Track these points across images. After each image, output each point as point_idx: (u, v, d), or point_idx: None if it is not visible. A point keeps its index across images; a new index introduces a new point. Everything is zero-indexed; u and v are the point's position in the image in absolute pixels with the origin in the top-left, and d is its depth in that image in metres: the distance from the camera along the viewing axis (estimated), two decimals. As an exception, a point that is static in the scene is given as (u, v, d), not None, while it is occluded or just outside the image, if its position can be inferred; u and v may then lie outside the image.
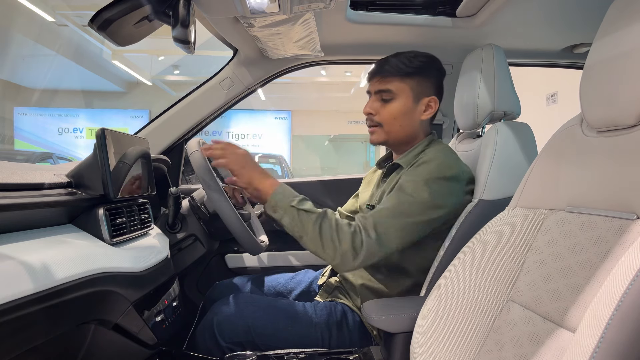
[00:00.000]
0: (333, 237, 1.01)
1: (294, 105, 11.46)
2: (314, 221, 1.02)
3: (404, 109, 1.20)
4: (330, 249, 1.01)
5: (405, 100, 1.19)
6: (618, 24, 0.70)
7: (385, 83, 1.19)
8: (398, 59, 1.19)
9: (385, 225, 1.03)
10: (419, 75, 1.19)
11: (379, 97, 1.21)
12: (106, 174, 0.92)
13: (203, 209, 1.36)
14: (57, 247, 0.78)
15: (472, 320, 0.82)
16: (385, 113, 1.20)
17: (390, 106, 1.20)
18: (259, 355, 1.09)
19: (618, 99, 0.68)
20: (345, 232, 1.02)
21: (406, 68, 1.18)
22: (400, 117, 1.20)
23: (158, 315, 1.03)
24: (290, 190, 1.08)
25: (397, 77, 1.18)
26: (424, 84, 1.20)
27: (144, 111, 10.72)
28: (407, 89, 1.19)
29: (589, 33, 1.47)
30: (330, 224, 1.03)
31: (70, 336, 0.80)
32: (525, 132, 1.19)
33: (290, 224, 1.04)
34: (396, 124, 1.20)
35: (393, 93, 1.19)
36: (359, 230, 1.03)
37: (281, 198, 1.06)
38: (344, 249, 1.00)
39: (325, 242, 1.01)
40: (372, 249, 1.02)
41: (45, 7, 6.73)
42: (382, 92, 1.20)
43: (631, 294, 0.52)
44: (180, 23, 0.84)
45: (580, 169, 0.76)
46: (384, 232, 1.03)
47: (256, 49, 1.55)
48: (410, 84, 1.19)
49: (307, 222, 1.03)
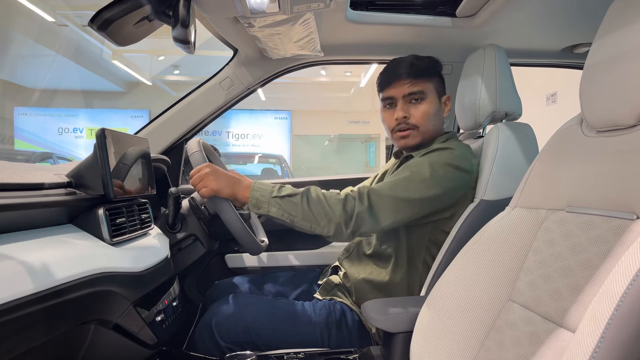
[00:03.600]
0: (324, 208, 1.04)
1: (294, 105, 11.45)
2: (300, 200, 1.05)
3: (434, 108, 1.23)
4: (324, 220, 1.04)
5: (434, 99, 1.24)
6: (618, 24, 0.70)
7: (415, 85, 1.21)
8: (418, 61, 1.22)
9: (379, 195, 1.06)
10: (436, 75, 1.25)
11: (409, 99, 1.22)
12: (106, 174, 0.92)
13: (203, 210, 1.36)
14: (57, 247, 0.78)
15: (472, 320, 0.82)
16: (419, 114, 1.22)
17: (422, 107, 1.22)
18: (258, 355, 1.09)
19: (618, 99, 0.68)
20: (335, 200, 1.05)
21: (428, 68, 1.22)
22: (432, 117, 1.23)
23: (158, 315, 1.03)
24: (266, 184, 1.11)
25: (424, 78, 1.22)
26: (441, 83, 1.27)
27: (144, 111, 10.72)
28: (432, 88, 1.24)
29: (589, 33, 1.47)
30: (317, 195, 1.06)
31: (70, 336, 0.80)
32: (527, 133, 1.19)
33: (278, 213, 1.07)
34: (430, 123, 1.23)
35: (424, 93, 1.22)
36: (350, 197, 1.05)
37: (260, 194, 1.08)
38: (337, 216, 1.03)
39: (317, 216, 1.04)
40: (363, 216, 1.03)
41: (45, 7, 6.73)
42: (413, 94, 1.21)
43: (631, 294, 0.52)
44: (180, 23, 0.84)
45: (580, 169, 0.76)
46: (376, 202, 1.05)
47: (256, 49, 1.55)
48: (434, 83, 1.24)
49: (294, 204, 1.05)
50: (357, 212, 1.03)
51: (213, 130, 10.99)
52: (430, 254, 1.17)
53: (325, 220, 1.04)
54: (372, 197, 1.05)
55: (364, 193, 1.06)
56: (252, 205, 1.09)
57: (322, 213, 1.04)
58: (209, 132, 10.87)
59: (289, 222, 1.07)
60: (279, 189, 1.09)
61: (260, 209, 1.08)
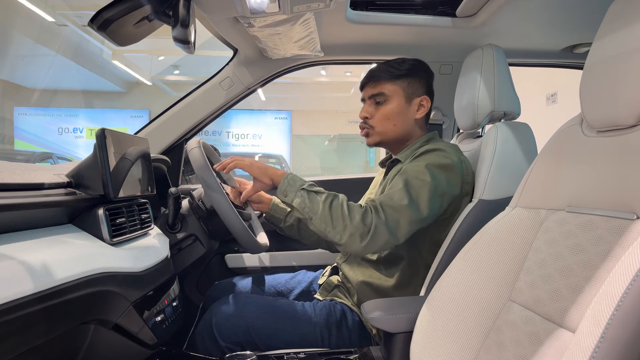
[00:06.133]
0: (344, 214, 1.04)
1: (294, 105, 11.45)
2: (324, 200, 1.07)
3: (397, 109, 1.24)
4: (340, 225, 1.04)
5: (398, 101, 1.24)
6: (618, 24, 0.70)
7: (377, 87, 1.25)
8: (387, 64, 1.25)
9: (392, 207, 1.05)
10: (409, 77, 1.25)
11: (373, 101, 1.26)
12: (106, 174, 0.92)
13: (201, 205, 1.36)
14: (57, 247, 0.78)
15: (472, 320, 0.82)
16: (379, 115, 1.25)
17: (384, 108, 1.25)
18: (258, 355, 1.09)
19: (618, 99, 0.68)
20: (357, 210, 1.05)
21: (396, 71, 1.24)
22: (394, 117, 1.24)
23: (158, 315, 1.03)
24: (298, 177, 1.15)
25: (389, 80, 1.24)
26: (414, 84, 1.25)
27: (144, 111, 10.72)
28: (399, 90, 1.24)
29: (589, 33, 1.47)
30: (341, 202, 1.06)
31: (70, 336, 0.80)
32: (526, 132, 1.19)
33: (300, 205, 1.09)
34: (389, 124, 1.25)
35: (386, 95, 1.24)
36: (369, 209, 1.05)
37: (292, 182, 1.13)
38: (354, 226, 1.02)
39: (335, 219, 1.04)
40: (380, 229, 1.03)
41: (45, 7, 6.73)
42: (375, 96, 1.25)
43: (631, 294, 0.52)
44: (180, 23, 0.84)
45: (580, 169, 0.76)
46: (391, 214, 1.05)
47: (256, 49, 1.55)
48: (402, 85, 1.24)
49: (317, 202, 1.07)
50: (375, 224, 1.02)
51: (213, 130, 10.99)
52: (432, 254, 1.17)
53: (341, 226, 1.03)
54: (386, 210, 1.05)
55: (378, 206, 1.05)
56: (280, 191, 1.14)
57: (340, 218, 1.04)
58: (209, 132, 10.86)
59: (306, 218, 1.08)
60: (310, 184, 1.12)
61: (287, 197, 1.12)
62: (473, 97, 1.26)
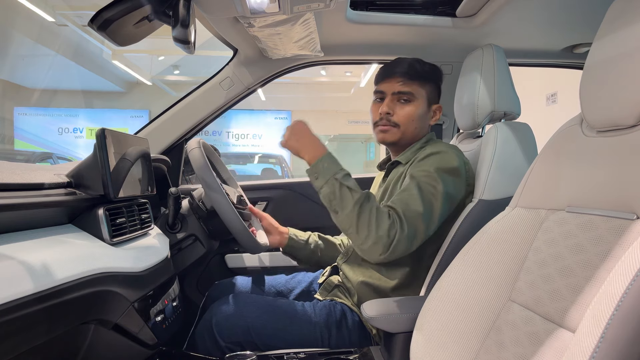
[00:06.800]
0: (371, 221, 1.01)
1: (294, 105, 11.45)
2: (356, 201, 1.02)
3: (420, 113, 1.24)
4: (364, 232, 1.01)
5: (422, 104, 1.24)
6: (618, 24, 0.70)
7: (407, 85, 1.23)
8: (419, 64, 1.24)
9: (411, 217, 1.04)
10: (433, 83, 1.26)
11: (397, 97, 1.24)
12: (106, 174, 0.92)
13: (201, 205, 1.36)
14: (57, 247, 0.78)
15: (472, 320, 0.82)
16: (404, 114, 1.23)
17: (409, 108, 1.23)
18: (258, 355, 1.09)
19: (618, 99, 0.68)
20: (384, 221, 1.02)
21: (426, 74, 1.23)
22: (416, 120, 1.24)
23: (158, 315, 1.03)
24: (336, 163, 1.09)
25: (418, 82, 1.23)
26: (435, 91, 1.27)
27: (144, 111, 10.71)
28: (424, 93, 1.25)
29: (589, 33, 1.47)
30: (370, 208, 1.03)
31: (70, 336, 0.80)
32: (526, 132, 1.19)
33: (328, 196, 1.05)
34: (412, 126, 1.24)
35: (413, 96, 1.23)
36: (396, 220, 1.03)
37: (326, 167, 1.07)
38: (379, 236, 1.00)
39: (360, 225, 1.01)
40: (401, 243, 1.02)
41: (45, 7, 6.73)
42: (402, 93, 1.23)
43: (631, 294, 0.52)
44: (180, 23, 0.84)
45: (580, 169, 0.76)
46: (413, 224, 1.04)
47: (256, 49, 1.54)
48: (427, 89, 1.25)
49: (348, 200, 1.03)
50: (398, 238, 1.01)
51: (213, 130, 10.98)
52: (432, 255, 1.17)
53: (365, 233, 1.01)
54: (408, 220, 1.03)
55: (402, 216, 1.03)
56: (311, 171, 1.09)
57: (366, 224, 1.01)
58: (209, 132, 10.86)
59: (331, 210, 1.06)
60: (344, 175, 1.06)
61: (317, 181, 1.07)
62: (473, 97, 1.26)
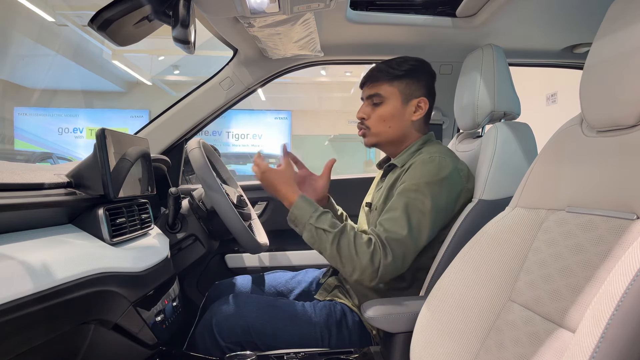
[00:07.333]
0: (352, 255, 1.03)
1: (294, 105, 11.44)
2: (332, 240, 1.05)
3: (393, 111, 1.23)
4: (349, 266, 1.04)
5: (395, 102, 1.23)
6: (618, 24, 0.70)
7: (374, 88, 1.24)
8: (386, 64, 1.24)
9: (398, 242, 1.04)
10: (407, 78, 1.22)
11: (370, 101, 1.25)
12: (106, 174, 0.92)
13: (201, 206, 1.36)
14: (57, 247, 0.78)
15: (472, 320, 0.82)
16: (375, 116, 1.24)
17: (380, 109, 1.23)
18: (258, 355, 1.09)
19: (618, 99, 0.68)
20: (364, 252, 1.03)
21: (394, 71, 1.22)
22: (389, 119, 1.23)
23: (158, 315, 1.03)
24: (309, 205, 1.12)
25: (386, 81, 1.22)
26: (412, 86, 1.23)
27: (144, 111, 10.71)
28: (395, 92, 1.23)
29: (589, 33, 1.47)
30: (348, 242, 1.05)
31: (70, 336, 0.80)
32: (525, 132, 1.19)
33: (309, 240, 1.10)
34: (385, 125, 1.24)
35: (382, 97, 1.23)
36: (378, 248, 1.04)
37: (300, 213, 1.11)
38: (363, 266, 1.02)
39: (344, 260, 1.04)
40: (388, 268, 1.03)
41: (45, 7, 6.72)
42: (372, 96, 1.24)
43: (631, 294, 0.52)
44: (180, 23, 0.84)
45: (581, 169, 0.76)
46: (398, 249, 1.04)
47: (256, 49, 1.55)
48: (399, 86, 1.22)
49: (325, 241, 1.06)
50: (383, 265, 1.02)
51: (213, 130, 10.98)
52: (432, 256, 1.16)
53: (350, 267, 1.04)
54: (392, 245, 1.04)
55: (385, 242, 1.04)
56: (290, 220, 1.14)
57: (348, 258, 1.04)
58: (209, 132, 10.85)
59: (317, 251, 1.10)
60: (318, 217, 1.09)
61: (297, 228, 1.13)
62: (473, 97, 1.26)
